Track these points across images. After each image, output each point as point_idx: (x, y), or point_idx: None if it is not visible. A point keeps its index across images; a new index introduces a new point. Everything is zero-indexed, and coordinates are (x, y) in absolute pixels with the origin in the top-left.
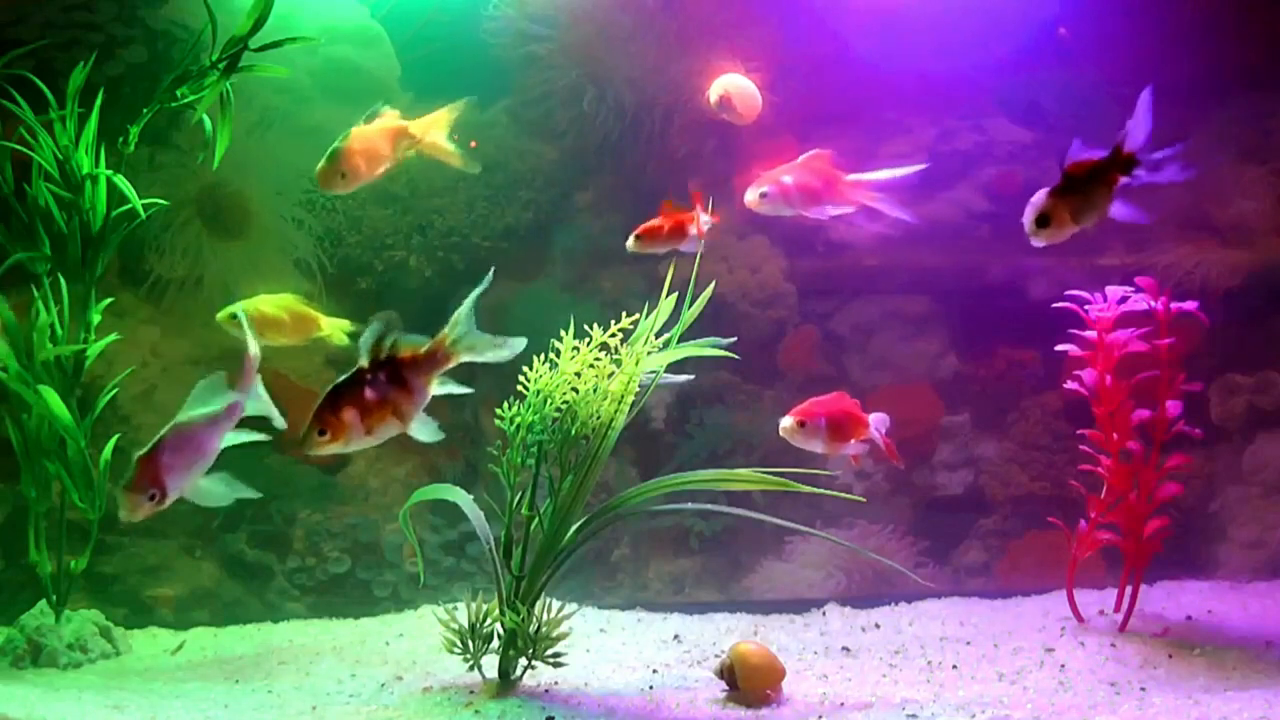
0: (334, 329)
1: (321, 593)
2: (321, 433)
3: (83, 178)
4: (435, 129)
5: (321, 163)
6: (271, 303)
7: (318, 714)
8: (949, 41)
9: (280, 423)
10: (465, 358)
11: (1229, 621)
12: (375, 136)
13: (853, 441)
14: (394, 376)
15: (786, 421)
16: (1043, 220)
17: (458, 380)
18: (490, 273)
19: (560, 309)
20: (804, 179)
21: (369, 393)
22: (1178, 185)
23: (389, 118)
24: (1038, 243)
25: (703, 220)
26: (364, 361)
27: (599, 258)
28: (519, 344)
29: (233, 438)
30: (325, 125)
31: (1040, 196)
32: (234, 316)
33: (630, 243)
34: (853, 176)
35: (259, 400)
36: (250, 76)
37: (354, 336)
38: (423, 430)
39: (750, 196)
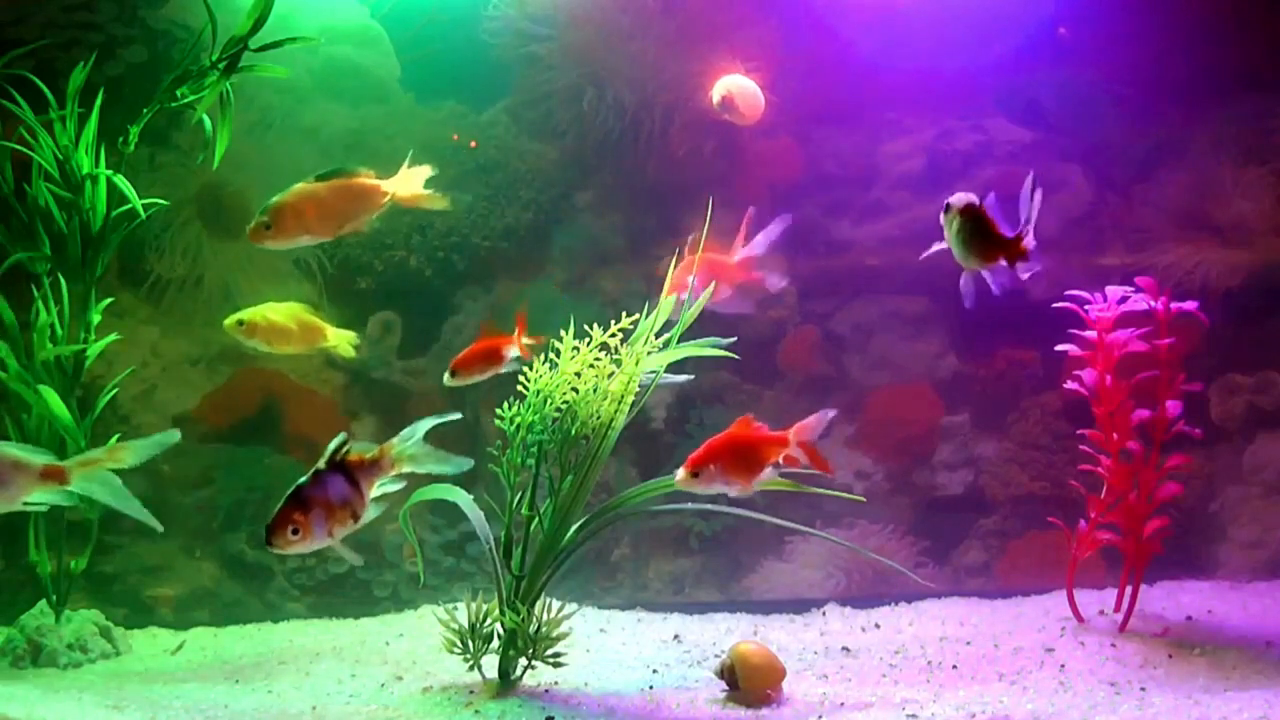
0: (340, 340)
1: (321, 593)
2: (295, 531)
3: (83, 178)
4: (410, 184)
5: (255, 216)
6: (279, 311)
7: (318, 714)
8: (949, 41)
9: None
10: (407, 468)
11: (1229, 621)
12: (323, 194)
13: (769, 467)
14: (348, 479)
15: (679, 474)
16: None
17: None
18: (454, 416)
19: (560, 309)
20: (702, 277)
21: (330, 494)
22: (1179, 187)
23: (364, 176)
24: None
25: (523, 342)
26: (322, 464)
27: (599, 258)
28: (465, 463)
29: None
30: (325, 125)
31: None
32: (240, 323)
33: (447, 378)
34: (739, 255)
35: None
36: (250, 76)
37: (359, 348)
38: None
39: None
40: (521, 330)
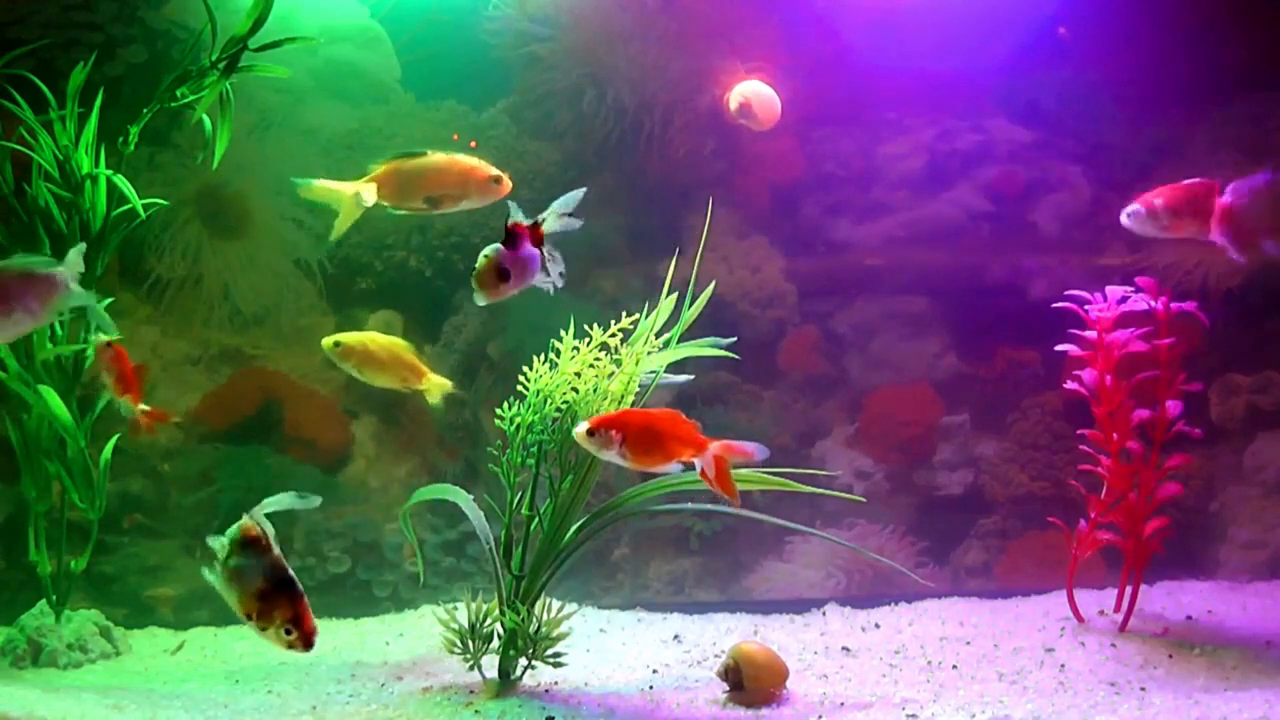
0: (434, 385)
1: (321, 593)
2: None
3: (83, 178)
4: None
5: None
6: (379, 342)
7: (318, 714)
8: (949, 41)
9: None
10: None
11: (1229, 621)
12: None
13: (672, 463)
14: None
15: (581, 426)
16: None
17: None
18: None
19: (560, 309)
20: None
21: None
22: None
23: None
24: (479, 300)
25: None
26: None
27: (599, 258)
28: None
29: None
30: (325, 125)
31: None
32: (336, 344)
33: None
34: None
35: None
36: (250, 77)
37: (451, 398)
38: None
39: None
40: None
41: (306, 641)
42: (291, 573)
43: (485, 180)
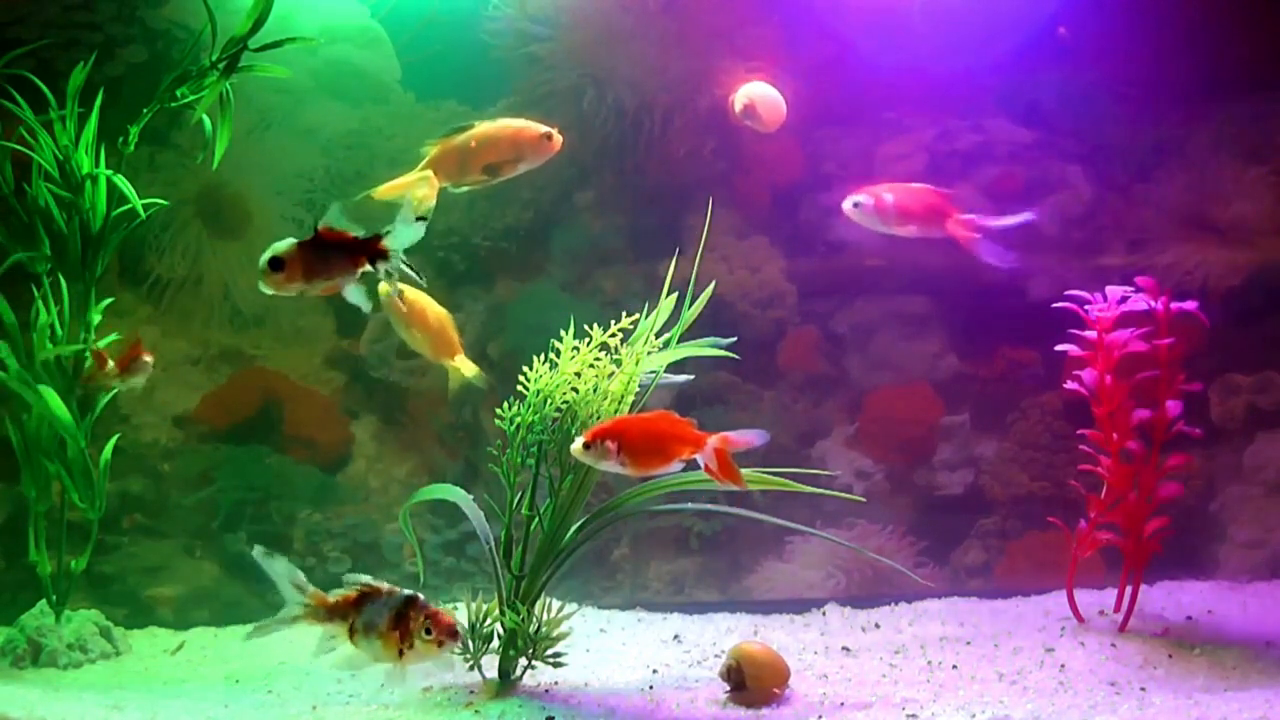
0: (463, 366)
1: None
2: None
3: (83, 178)
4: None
5: None
6: (435, 308)
7: (318, 714)
8: (949, 41)
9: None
10: None
11: (1229, 621)
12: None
13: (673, 463)
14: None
15: (576, 443)
16: (276, 264)
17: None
18: None
19: (560, 309)
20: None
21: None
22: (1179, 187)
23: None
24: (266, 289)
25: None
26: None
27: (599, 258)
28: None
29: None
30: (325, 125)
31: (287, 241)
32: (400, 290)
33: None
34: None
35: None
36: (250, 76)
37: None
38: None
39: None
40: None
41: (452, 632)
42: (393, 586)
43: (537, 139)
